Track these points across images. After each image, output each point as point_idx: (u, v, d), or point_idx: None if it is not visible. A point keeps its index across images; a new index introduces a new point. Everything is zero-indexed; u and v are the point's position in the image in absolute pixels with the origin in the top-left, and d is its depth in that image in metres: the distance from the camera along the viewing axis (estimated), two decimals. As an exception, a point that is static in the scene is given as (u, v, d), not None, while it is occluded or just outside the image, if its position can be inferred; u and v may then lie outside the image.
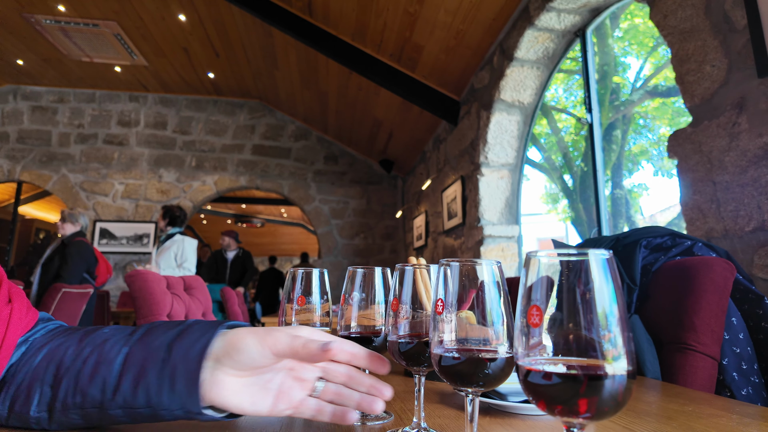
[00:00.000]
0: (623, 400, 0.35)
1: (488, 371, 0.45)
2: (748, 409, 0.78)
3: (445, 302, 0.49)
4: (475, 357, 0.46)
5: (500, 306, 0.48)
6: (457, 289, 0.49)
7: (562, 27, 3.21)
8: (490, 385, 0.46)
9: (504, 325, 0.48)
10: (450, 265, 0.49)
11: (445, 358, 0.47)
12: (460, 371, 0.46)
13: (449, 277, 0.49)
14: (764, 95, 1.59)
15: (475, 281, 0.49)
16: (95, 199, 6.54)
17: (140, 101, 6.88)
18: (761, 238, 1.58)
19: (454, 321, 0.48)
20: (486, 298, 0.48)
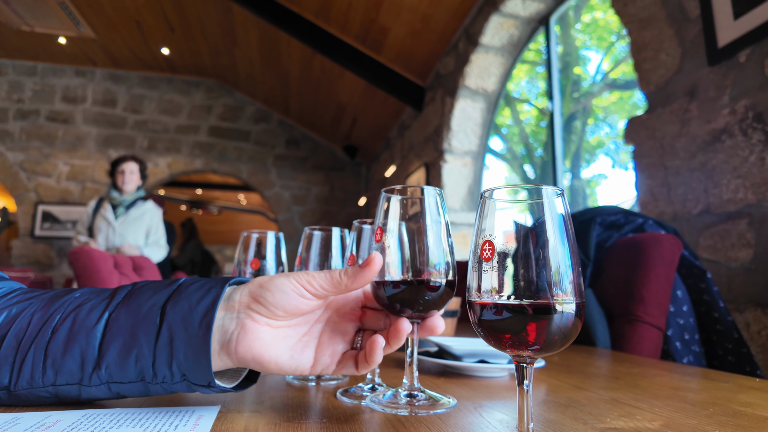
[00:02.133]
0: (572, 331, 0.34)
1: (428, 297, 0.47)
2: (688, 370, 0.80)
3: (384, 229, 0.49)
4: (414, 285, 0.47)
5: (442, 232, 0.49)
6: (399, 216, 0.49)
7: (526, 14, 3.24)
8: (428, 309, 0.48)
9: (444, 251, 0.48)
10: (391, 196, 0.49)
11: (387, 284, 0.47)
12: (402, 298, 0.47)
13: (391, 206, 0.49)
14: (713, 83, 1.65)
15: (416, 209, 0.50)
16: (37, 180, 6.13)
17: (87, 76, 6.47)
18: (707, 221, 1.65)
19: (395, 247, 0.48)
20: (426, 222, 0.48)
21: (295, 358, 0.45)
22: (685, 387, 0.65)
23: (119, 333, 0.42)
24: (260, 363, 0.43)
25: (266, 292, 0.43)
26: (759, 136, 1.47)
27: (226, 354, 0.43)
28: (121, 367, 0.42)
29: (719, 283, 1.57)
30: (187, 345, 0.42)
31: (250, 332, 0.43)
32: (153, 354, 0.42)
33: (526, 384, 0.35)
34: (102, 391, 0.43)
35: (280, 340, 0.45)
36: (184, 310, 0.43)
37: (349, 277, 0.44)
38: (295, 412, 0.47)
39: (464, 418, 0.47)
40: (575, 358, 0.92)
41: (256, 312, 0.44)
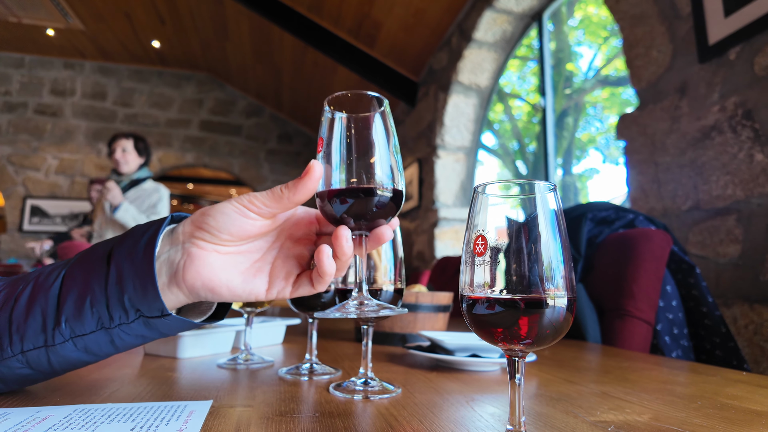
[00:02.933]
0: (563, 325, 0.34)
1: (373, 206, 0.45)
2: (676, 364, 0.81)
3: (325, 140, 0.47)
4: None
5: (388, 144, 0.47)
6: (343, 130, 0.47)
7: (520, 9, 3.24)
8: (375, 219, 0.47)
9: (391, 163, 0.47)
10: (336, 113, 0.48)
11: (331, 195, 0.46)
12: (347, 207, 0.46)
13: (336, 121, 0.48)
14: (703, 80, 1.67)
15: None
16: (25, 174, 6.04)
17: (76, 69, 6.37)
18: (696, 217, 1.67)
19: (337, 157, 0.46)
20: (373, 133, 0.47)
21: (248, 282, 0.45)
22: (673, 380, 0.66)
23: (74, 285, 0.43)
24: (211, 289, 0.43)
25: (208, 218, 0.43)
26: (748, 133, 1.49)
27: (176, 286, 0.43)
28: (80, 318, 0.42)
29: (708, 279, 1.59)
30: (134, 277, 0.42)
31: (196, 259, 0.43)
32: (105, 295, 0.42)
33: (517, 378, 0.35)
34: (69, 349, 0.43)
35: (229, 265, 0.44)
36: (129, 246, 0.43)
37: (290, 189, 0.43)
38: (287, 406, 0.47)
39: (456, 411, 0.47)
40: (566, 352, 0.93)
41: (201, 239, 0.43)
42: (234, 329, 0.84)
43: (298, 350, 0.89)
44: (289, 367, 0.67)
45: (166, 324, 0.43)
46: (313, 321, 0.69)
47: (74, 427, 0.37)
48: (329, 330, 1.22)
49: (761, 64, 1.46)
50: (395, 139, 0.47)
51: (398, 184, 0.46)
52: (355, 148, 0.45)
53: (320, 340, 1.01)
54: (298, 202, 0.44)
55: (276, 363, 0.73)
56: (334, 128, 0.46)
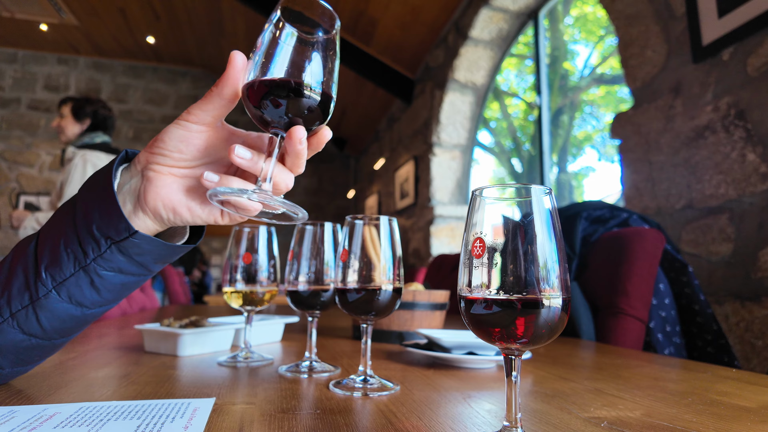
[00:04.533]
0: (558, 325, 0.35)
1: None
2: (669, 361, 0.83)
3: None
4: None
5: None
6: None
7: (515, 7, 3.25)
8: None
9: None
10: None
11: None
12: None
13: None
14: (697, 80, 1.68)
15: None
16: (18, 170, 6.00)
17: (70, 64, 6.32)
18: (689, 215, 1.69)
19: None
20: None
21: (206, 202, 0.47)
22: (665, 377, 0.68)
23: (48, 237, 0.45)
24: (173, 209, 0.45)
25: (158, 141, 0.45)
26: (740, 133, 1.51)
27: (141, 210, 0.45)
28: (57, 262, 0.44)
29: (700, 277, 1.61)
30: (98, 206, 0.44)
31: (154, 180, 0.45)
32: (75, 232, 0.44)
33: (514, 375, 0.36)
34: (54, 300, 0.44)
35: (186, 185, 0.46)
36: (89, 184, 0.46)
37: (217, 85, 0.44)
38: (288, 403, 0.48)
39: (454, 408, 0.48)
40: (561, 349, 0.94)
41: (156, 164, 0.45)
42: (234, 327, 0.85)
43: (296, 348, 0.90)
44: (289, 365, 0.68)
45: (138, 247, 0.45)
46: (312, 319, 0.70)
47: (81, 424, 0.38)
48: (328, 328, 1.23)
49: (754, 65, 1.48)
50: (338, 60, 0.46)
51: (329, 89, 0.45)
52: (291, 62, 0.43)
53: (319, 338, 1.02)
54: (228, 97, 0.45)
55: (275, 361, 0.74)
56: (278, 44, 0.44)
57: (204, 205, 0.47)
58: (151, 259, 0.47)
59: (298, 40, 0.44)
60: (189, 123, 0.45)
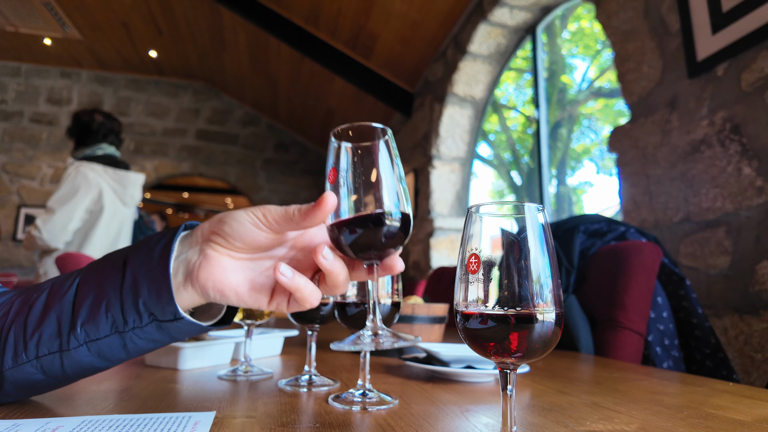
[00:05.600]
0: (552, 339, 0.36)
1: (381, 232, 0.45)
2: (666, 374, 0.83)
3: (337, 170, 0.47)
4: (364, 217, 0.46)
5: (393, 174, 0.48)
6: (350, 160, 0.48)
7: (514, 23, 3.30)
8: (385, 248, 0.47)
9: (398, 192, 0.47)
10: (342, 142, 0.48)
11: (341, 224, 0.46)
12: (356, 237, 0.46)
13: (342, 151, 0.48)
14: (693, 95, 1.71)
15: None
16: (20, 182, 6.02)
17: (73, 78, 6.39)
18: (687, 229, 1.70)
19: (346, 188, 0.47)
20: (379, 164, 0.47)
21: (255, 289, 0.46)
22: (662, 391, 0.68)
23: (89, 291, 0.45)
24: (221, 291, 0.45)
25: (224, 225, 0.45)
26: (736, 147, 1.53)
27: (190, 284, 0.45)
28: (95, 322, 0.43)
29: (698, 290, 1.62)
30: (149, 282, 0.44)
31: (211, 260, 0.45)
32: (120, 299, 0.44)
33: (509, 389, 0.37)
34: (83, 353, 0.44)
35: (240, 270, 0.46)
36: (144, 252, 0.46)
37: (301, 215, 0.44)
38: (288, 417, 0.49)
39: (451, 422, 0.49)
40: (559, 363, 0.95)
41: (216, 243, 0.46)
42: (233, 341, 0.86)
43: (295, 361, 0.90)
44: (289, 379, 0.68)
45: (177, 327, 0.45)
46: (312, 333, 0.71)
47: (84, 438, 0.38)
48: (327, 342, 1.24)
49: (748, 80, 1.50)
50: (400, 168, 0.48)
51: (405, 208, 0.47)
52: (361, 177, 0.46)
53: (318, 351, 1.02)
54: (306, 227, 0.46)
55: (275, 374, 0.74)
56: (341, 158, 0.47)
57: (252, 292, 0.46)
58: (185, 335, 0.48)
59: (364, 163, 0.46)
60: (260, 223, 0.45)
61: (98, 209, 2.41)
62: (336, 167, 0.46)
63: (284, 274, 0.43)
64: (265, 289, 0.47)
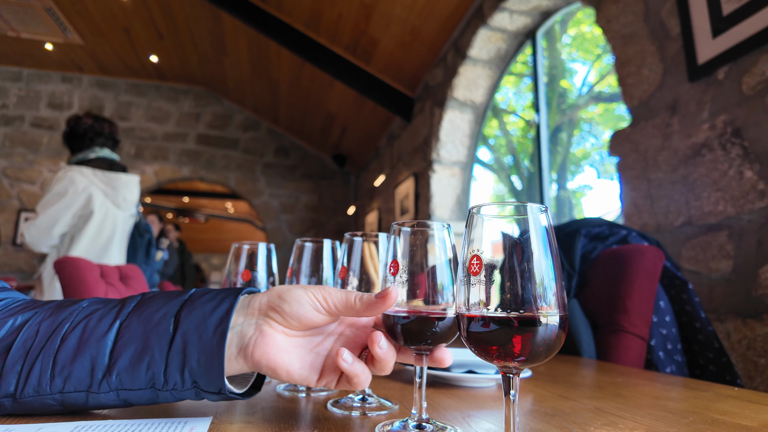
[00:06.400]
0: (556, 343, 0.35)
1: (436, 329, 0.46)
2: (670, 379, 0.82)
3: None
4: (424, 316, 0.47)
5: (449, 268, 0.49)
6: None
7: (514, 28, 3.31)
8: (437, 344, 0.48)
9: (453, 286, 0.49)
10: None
11: (397, 317, 0.47)
12: (410, 329, 0.47)
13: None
14: (693, 99, 1.71)
15: (425, 244, 0.49)
16: (20, 187, 6.02)
17: (74, 83, 6.40)
18: (688, 232, 1.69)
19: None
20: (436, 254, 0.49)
21: (305, 367, 0.46)
22: (666, 396, 0.67)
23: (131, 340, 0.43)
24: (273, 369, 0.44)
25: (284, 303, 0.45)
26: (737, 151, 1.52)
27: (242, 358, 0.44)
28: (132, 374, 0.42)
29: (701, 294, 1.61)
30: (201, 352, 0.42)
31: (267, 337, 0.44)
32: (165, 361, 0.43)
33: (512, 394, 0.36)
34: (110, 398, 0.43)
35: (293, 348, 0.46)
36: (198, 318, 0.44)
37: (363, 305, 0.45)
38: (286, 422, 0.48)
39: (453, 427, 0.48)
40: (561, 367, 0.93)
41: (273, 320, 0.45)
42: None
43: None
44: (287, 384, 0.67)
45: (215, 396, 0.44)
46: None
47: (76, 444, 0.37)
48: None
49: (749, 83, 1.50)
50: (457, 259, 0.49)
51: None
52: (419, 265, 0.48)
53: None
54: (365, 316, 0.47)
55: (273, 379, 0.73)
56: (398, 248, 0.49)
57: (301, 370, 0.46)
58: (216, 400, 0.47)
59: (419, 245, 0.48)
60: (320, 306, 0.46)
61: (87, 213, 2.40)
62: (398, 258, 0.48)
63: (346, 360, 0.44)
64: (315, 366, 0.47)
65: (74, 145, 2.56)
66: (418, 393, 0.47)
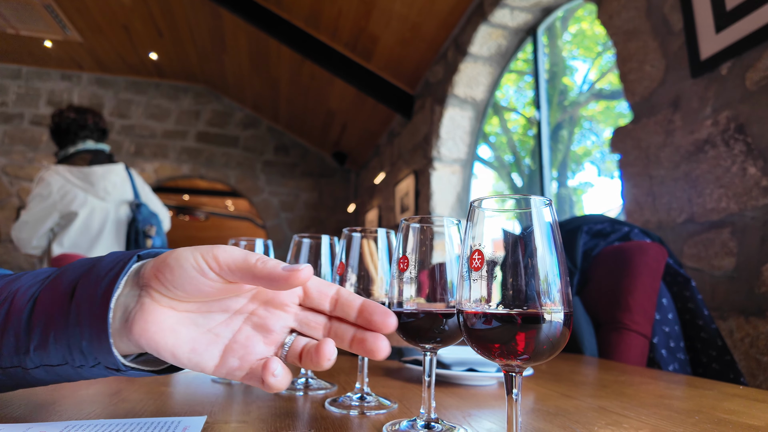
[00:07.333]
0: (560, 340, 0.34)
1: (444, 327, 0.45)
2: (673, 377, 0.81)
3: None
4: (433, 314, 0.46)
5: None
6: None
7: (514, 24, 3.29)
8: (446, 342, 0.47)
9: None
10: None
11: (404, 315, 0.46)
12: (419, 327, 0.46)
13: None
14: (696, 95, 1.69)
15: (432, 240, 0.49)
16: (20, 184, 6.01)
17: (73, 80, 6.38)
18: (690, 229, 1.68)
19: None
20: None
21: (196, 352, 0.38)
22: (670, 395, 0.66)
23: (41, 313, 0.39)
24: (155, 350, 0.37)
25: (166, 268, 0.37)
26: (740, 147, 1.51)
27: (126, 335, 0.38)
28: (46, 349, 0.39)
29: (703, 291, 1.59)
30: (90, 325, 0.37)
31: (147, 313, 0.37)
32: (66, 334, 0.38)
33: (515, 393, 0.35)
34: (41, 373, 0.40)
35: (182, 327, 0.38)
36: (92, 284, 0.38)
37: (266, 271, 0.36)
38: (283, 422, 0.47)
39: (453, 427, 0.47)
40: (563, 366, 0.92)
41: (156, 291, 0.38)
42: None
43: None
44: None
45: (127, 374, 0.40)
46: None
47: (65, 444, 0.36)
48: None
49: (752, 78, 1.48)
50: None
51: None
52: (428, 261, 0.47)
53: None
54: (268, 287, 0.37)
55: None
56: (408, 238, 0.48)
57: (191, 354, 0.38)
58: (141, 376, 0.42)
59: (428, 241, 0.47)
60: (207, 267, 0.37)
61: (70, 212, 2.38)
62: (406, 254, 0.47)
63: (275, 375, 0.36)
64: (211, 351, 0.38)
65: (60, 141, 2.54)
66: (427, 392, 0.45)
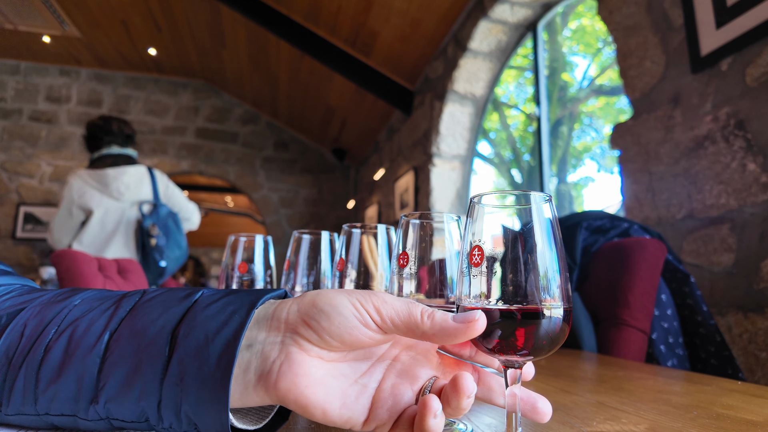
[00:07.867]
0: (560, 336, 0.34)
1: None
2: (672, 373, 0.81)
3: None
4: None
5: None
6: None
7: (514, 20, 3.28)
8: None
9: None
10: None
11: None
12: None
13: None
14: (696, 91, 1.69)
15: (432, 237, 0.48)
16: (19, 180, 6.00)
17: (72, 76, 6.36)
18: (690, 226, 1.68)
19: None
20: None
21: (347, 406, 0.33)
22: (669, 390, 0.66)
23: (121, 360, 0.34)
24: (304, 407, 0.32)
25: (320, 315, 0.33)
26: (740, 143, 1.51)
27: (263, 389, 0.32)
28: (122, 404, 0.33)
29: (702, 287, 1.60)
30: (200, 388, 0.32)
31: (296, 365, 0.32)
32: (159, 394, 0.33)
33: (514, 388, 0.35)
34: (102, 426, 0.35)
35: (331, 378, 0.34)
36: (199, 340, 0.33)
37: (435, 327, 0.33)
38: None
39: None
40: (562, 361, 0.93)
41: (305, 338, 0.33)
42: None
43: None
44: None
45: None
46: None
47: (66, 439, 0.36)
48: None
49: (753, 75, 1.48)
50: None
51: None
52: (428, 257, 0.46)
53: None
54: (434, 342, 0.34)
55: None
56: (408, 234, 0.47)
57: (342, 409, 0.33)
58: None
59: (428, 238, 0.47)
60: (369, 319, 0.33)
61: (88, 211, 2.61)
62: (405, 250, 0.46)
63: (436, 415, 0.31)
64: (361, 404, 0.34)
65: (90, 147, 2.75)
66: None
